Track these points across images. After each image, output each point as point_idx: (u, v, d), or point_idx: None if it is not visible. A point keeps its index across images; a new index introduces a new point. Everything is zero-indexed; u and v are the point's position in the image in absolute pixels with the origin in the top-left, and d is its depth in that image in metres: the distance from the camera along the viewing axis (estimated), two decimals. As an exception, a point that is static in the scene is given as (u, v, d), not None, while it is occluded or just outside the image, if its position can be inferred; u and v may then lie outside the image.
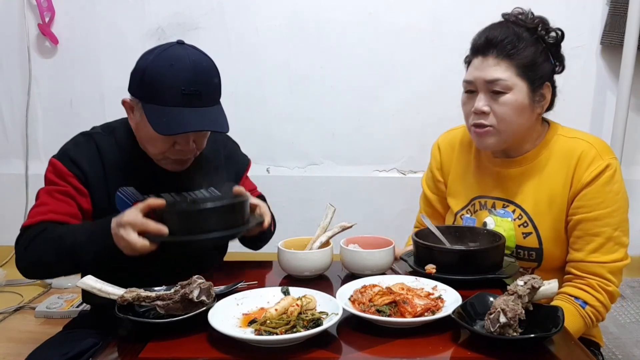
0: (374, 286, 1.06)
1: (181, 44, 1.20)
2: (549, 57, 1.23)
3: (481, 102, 1.21)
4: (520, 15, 1.23)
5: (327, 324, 0.90)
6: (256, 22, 2.60)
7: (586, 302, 1.19)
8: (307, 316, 0.92)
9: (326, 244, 1.24)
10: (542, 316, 0.93)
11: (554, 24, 1.24)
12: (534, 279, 0.93)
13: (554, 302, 1.19)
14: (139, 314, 0.97)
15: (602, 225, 1.19)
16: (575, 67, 1.32)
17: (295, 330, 0.89)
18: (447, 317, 0.93)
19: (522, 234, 1.27)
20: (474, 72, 1.22)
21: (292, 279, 1.21)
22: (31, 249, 1.16)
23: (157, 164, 1.26)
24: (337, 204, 1.29)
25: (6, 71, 2.72)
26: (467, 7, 2.50)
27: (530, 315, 0.91)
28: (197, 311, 0.94)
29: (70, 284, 2.52)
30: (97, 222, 1.14)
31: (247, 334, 0.90)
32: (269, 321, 0.91)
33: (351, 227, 1.27)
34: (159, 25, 2.62)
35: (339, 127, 2.70)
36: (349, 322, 0.96)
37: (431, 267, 1.15)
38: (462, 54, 1.30)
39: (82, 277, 1.03)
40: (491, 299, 0.98)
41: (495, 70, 1.19)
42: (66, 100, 2.73)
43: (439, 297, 1.03)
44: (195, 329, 0.93)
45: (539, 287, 0.93)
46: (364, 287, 1.06)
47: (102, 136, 1.28)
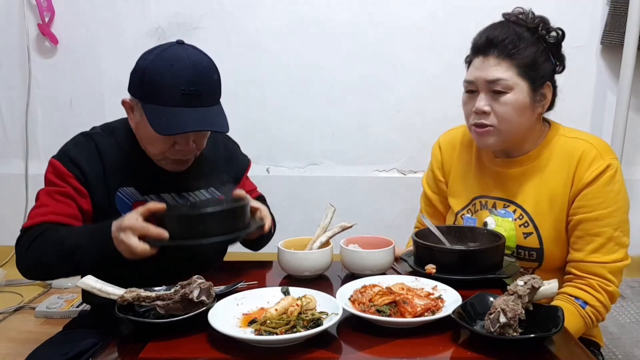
0: (374, 286, 1.06)
1: (181, 43, 1.20)
2: (550, 57, 1.23)
3: (482, 102, 1.21)
4: (520, 15, 1.23)
5: (327, 324, 0.90)
6: (256, 22, 2.60)
7: (586, 302, 1.19)
8: (307, 316, 0.92)
9: (326, 244, 1.24)
10: (542, 316, 0.93)
11: (554, 24, 1.24)
12: (534, 279, 0.93)
13: (554, 302, 1.18)
14: (139, 314, 0.97)
15: (603, 225, 1.19)
16: (575, 67, 1.32)
17: (295, 330, 0.89)
18: (447, 317, 0.93)
19: (523, 234, 1.26)
20: (475, 72, 1.22)
21: (292, 279, 1.21)
22: (31, 250, 1.16)
23: (157, 164, 1.26)
24: (337, 204, 1.29)
25: (6, 71, 2.72)
26: (467, 7, 2.49)
27: (530, 315, 0.91)
28: (197, 311, 0.94)
29: (70, 284, 2.52)
30: (98, 225, 1.14)
31: (247, 334, 0.90)
32: (269, 321, 0.91)
33: (351, 227, 1.27)
34: (159, 25, 2.62)
35: (339, 127, 2.69)
36: (349, 322, 0.96)
37: (431, 267, 1.15)
38: (462, 54, 1.30)
39: (82, 277, 1.03)
40: (491, 299, 0.98)
41: (496, 70, 1.19)
42: (66, 100, 2.73)
43: (439, 297, 1.03)
44: (195, 329, 0.93)
45: (539, 287, 0.93)
46: (364, 287, 1.06)
47: (101, 136, 1.28)
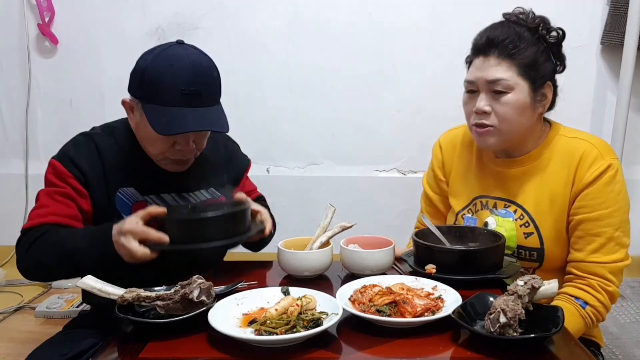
0: (374, 286, 1.06)
1: (181, 43, 1.20)
2: (550, 57, 1.23)
3: (482, 102, 1.21)
4: (521, 14, 1.23)
5: (327, 324, 0.90)
6: (256, 22, 2.60)
7: (586, 302, 1.19)
8: (307, 316, 0.92)
9: (326, 244, 1.24)
10: (542, 316, 0.93)
11: (554, 24, 1.24)
12: (534, 279, 0.93)
13: (555, 302, 1.18)
14: (139, 314, 0.97)
15: (603, 225, 1.19)
16: (575, 67, 1.32)
17: (295, 330, 0.89)
18: (447, 317, 0.93)
19: (524, 234, 1.26)
20: (476, 72, 1.22)
21: (292, 279, 1.21)
22: (32, 251, 1.16)
23: (157, 165, 1.26)
24: (337, 204, 1.29)
25: (6, 71, 2.72)
26: (467, 7, 2.49)
27: (530, 315, 0.91)
28: (197, 311, 0.94)
29: (70, 284, 2.52)
30: (99, 228, 1.14)
31: (247, 334, 0.90)
32: (269, 321, 0.91)
33: (351, 227, 1.27)
34: (159, 25, 2.62)
35: (339, 127, 2.70)
36: (349, 322, 0.96)
37: (431, 267, 1.15)
38: (462, 54, 1.30)
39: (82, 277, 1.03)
40: (491, 299, 0.98)
41: (496, 70, 1.19)
42: (66, 100, 2.73)
43: (439, 297, 1.02)
44: (195, 329, 0.93)
45: (539, 287, 0.93)
46: (364, 287, 1.06)
47: (101, 136, 1.28)
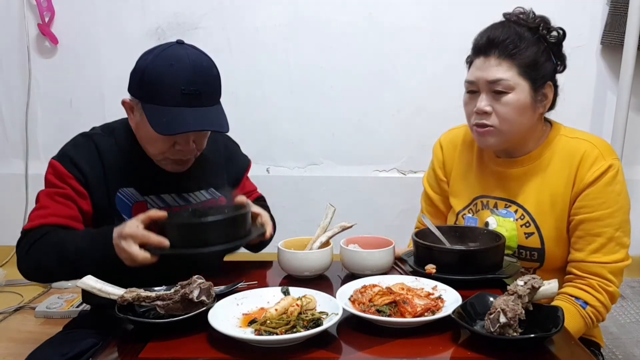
0: (374, 286, 1.06)
1: (181, 43, 1.20)
2: (551, 57, 1.23)
3: (483, 102, 1.21)
4: (521, 14, 1.23)
5: (327, 324, 0.90)
6: (256, 22, 2.60)
7: (587, 303, 1.19)
8: (307, 316, 0.92)
9: (326, 244, 1.24)
10: (542, 316, 0.93)
11: (554, 24, 1.24)
12: (534, 279, 0.93)
13: (555, 302, 1.18)
14: (139, 314, 0.97)
15: (604, 225, 1.19)
16: (575, 67, 1.32)
17: (295, 330, 0.89)
18: (447, 317, 0.93)
19: (525, 234, 1.26)
20: (476, 73, 1.22)
21: (292, 279, 1.21)
22: (32, 253, 1.16)
23: (157, 165, 1.26)
24: (337, 204, 1.28)
25: (6, 71, 2.72)
26: (467, 7, 2.49)
27: (530, 315, 0.91)
28: (197, 311, 0.94)
29: (70, 284, 2.52)
30: (99, 232, 1.14)
31: (247, 334, 0.90)
32: (269, 321, 0.91)
33: (351, 227, 1.27)
34: (159, 25, 2.62)
35: (339, 127, 2.69)
36: (349, 322, 0.96)
37: (431, 267, 1.15)
38: (462, 54, 1.30)
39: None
40: (491, 299, 0.98)
41: (497, 70, 1.19)
42: (66, 100, 2.73)
43: (439, 297, 1.02)
44: (195, 329, 0.93)
45: (539, 287, 0.93)
46: (364, 287, 1.06)
47: (101, 137, 1.27)
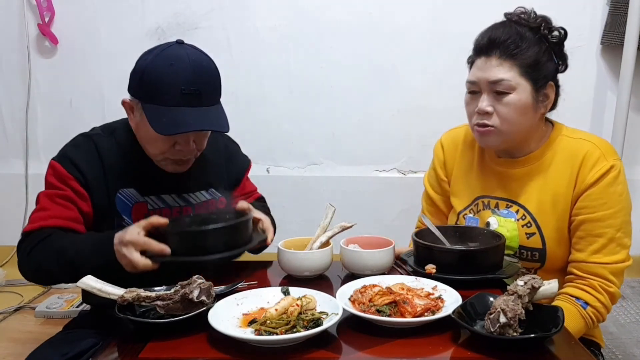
0: (374, 286, 1.06)
1: (181, 43, 1.20)
2: (552, 57, 1.23)
3: (484, 103, 1.21)
4: (522, 14, 1.23)
5: (327, 324, 0.89)
6: (256, 22, 2.60)
7: (587, 303, 1.19)
8: (307, 316, 0.92)
9: (326, 244, 1.24)
10: (542, 316, 0.93)
11: (554, 24, 1.24)
12: (534, 279, 0.93)
13: (555, 303, 1.18)
14: (139, 314, 0.97)
15: (605, 226, 1.19)
16: (575, 67, 1.32)
17: (295, 330, 0.89)
18: (447, 317, 0.93)
19: (526, 234, 1.26)
20: (477, 73, 1.22)
21: (292, 279, 1.21)
22: (33, 255, 1.16)
23: (157, 165, 1.26)
24: (337, 204, 1.28)
25: (6, 71, 2.72)
26: (468, 7, 2.49)
27: (530, 315, 0.91)
28: (197, 311, 0.94)
29: (70, 284, 2.51)
30: (100, 237, 1.14)
31: (247, 334, 0.90)
32: (269, 321, 0.91)
33: (351, 227, 1.27)
34: (159, 25, 2.62)
35: (339, 127, 2.69)
36: (349, 322, 0.96)
37: (431, 267, 1.15)
38: (462, 54, 1.29)
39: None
40: (491, 299, 0.98)
41: (498, 70, 1.19)
42: (66, 100, 2.73)
43: (439, 297, 1.02)
44: (195, 329, 0.93)
45: (539, 287, 0.93)
46: (364, 287, 1.06)
47: (101, 137, 1.27)
